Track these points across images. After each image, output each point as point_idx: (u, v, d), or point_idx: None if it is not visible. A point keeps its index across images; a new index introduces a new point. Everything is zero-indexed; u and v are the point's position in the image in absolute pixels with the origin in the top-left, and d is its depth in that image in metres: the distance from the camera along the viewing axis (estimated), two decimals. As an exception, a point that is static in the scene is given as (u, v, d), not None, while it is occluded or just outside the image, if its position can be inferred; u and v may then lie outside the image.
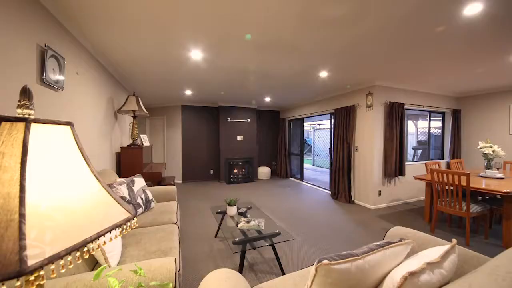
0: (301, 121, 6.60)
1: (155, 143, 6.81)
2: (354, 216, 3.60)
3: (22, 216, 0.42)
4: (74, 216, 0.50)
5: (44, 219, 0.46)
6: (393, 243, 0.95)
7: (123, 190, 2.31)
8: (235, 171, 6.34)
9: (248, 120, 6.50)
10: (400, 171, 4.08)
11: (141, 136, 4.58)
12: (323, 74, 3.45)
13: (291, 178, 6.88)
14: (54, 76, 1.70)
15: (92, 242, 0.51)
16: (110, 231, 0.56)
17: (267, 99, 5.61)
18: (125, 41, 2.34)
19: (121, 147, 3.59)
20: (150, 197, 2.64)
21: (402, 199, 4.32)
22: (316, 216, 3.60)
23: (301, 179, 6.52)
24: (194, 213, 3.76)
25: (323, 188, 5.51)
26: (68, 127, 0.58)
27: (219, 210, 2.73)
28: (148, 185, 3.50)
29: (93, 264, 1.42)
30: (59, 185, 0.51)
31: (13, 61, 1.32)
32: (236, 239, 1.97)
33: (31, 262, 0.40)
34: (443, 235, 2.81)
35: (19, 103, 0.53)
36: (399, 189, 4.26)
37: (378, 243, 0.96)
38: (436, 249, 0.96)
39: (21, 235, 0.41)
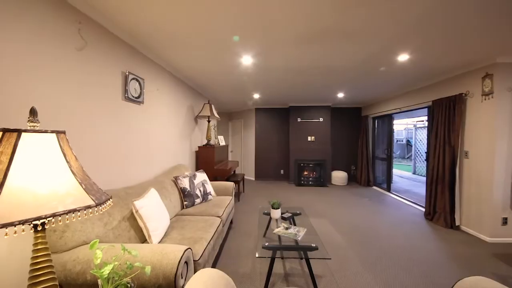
0: (389, 118, 5.45)
1: (235, 143, 7.66)
2: (454, 248, 2.61)
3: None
4: (37, 197, 0.70)
5: (12, 198, 0.66)
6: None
7: (185, 182, 2.78)
8: (305, 173, 6.10)
9: (321, 119, 6.07)
10: (553, 193, 2.57)
11: (219, 137, 5.30)
12: (403, 57, 2.72)
13: (374, 187, 5.83)
14: (135, 93, 2.30)
15: (46, 219, 0.69)
16: (67, 213, 0.74)
17: (340, 95, 5.03)
18: (190, 59, 2.82)
19: (198, 147, 4.30)
20: (209, 190, 3.02)
21: (559, 238, 2.70)
22: (394, 238, 2.87)
23: (388, 189, 5.38)
24: (254, 210, 3.94)
25: (416, 204, 4.31)
26: (53, 135, 0.80)
27: (266, 211, 2.75)
28: (218, 180, 4.04)
29: (144, 239, 1.81)
30: (34, 175, 0.72)
31: (105, 84, 1.91)
32: (266, 244, 1.92)
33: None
34: None
35: (28, 119, 0.78)
36: (551, 221, 2.70)
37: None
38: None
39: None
